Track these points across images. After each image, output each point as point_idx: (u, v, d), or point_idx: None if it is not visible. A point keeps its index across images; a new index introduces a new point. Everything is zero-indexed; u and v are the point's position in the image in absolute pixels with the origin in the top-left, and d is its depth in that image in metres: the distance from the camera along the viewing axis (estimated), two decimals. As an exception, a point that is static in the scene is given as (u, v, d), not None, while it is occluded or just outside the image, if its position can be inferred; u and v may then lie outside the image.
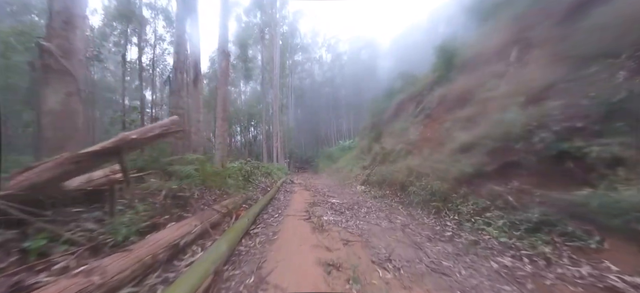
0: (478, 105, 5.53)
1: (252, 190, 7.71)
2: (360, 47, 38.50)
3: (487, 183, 4.19)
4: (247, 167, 9.10)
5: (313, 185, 11.10)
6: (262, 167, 13.47)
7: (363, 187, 8.52)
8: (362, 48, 38.35)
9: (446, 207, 4.46)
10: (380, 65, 35.78)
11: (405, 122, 10.37)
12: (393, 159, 8.08)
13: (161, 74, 18.39)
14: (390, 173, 7.07)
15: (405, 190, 6.11)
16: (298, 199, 7.07)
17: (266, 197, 6.49)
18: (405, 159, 7.27)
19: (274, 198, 7.27)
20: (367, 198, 6.90)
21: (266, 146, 21.37)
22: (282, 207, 5.96)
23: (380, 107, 15.90)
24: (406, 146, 7.88)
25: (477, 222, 3.64)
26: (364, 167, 11.42)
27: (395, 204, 5.82)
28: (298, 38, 33.03)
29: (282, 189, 9.37)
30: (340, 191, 8.74)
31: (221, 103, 8.21)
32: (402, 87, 14.06)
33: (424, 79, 11.81)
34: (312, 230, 3.91)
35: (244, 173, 8.35)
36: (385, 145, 9.26)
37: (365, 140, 16.16)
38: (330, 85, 37.68)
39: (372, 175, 8.69)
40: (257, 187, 8.38)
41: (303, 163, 31.43)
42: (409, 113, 11.10)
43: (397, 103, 13.78)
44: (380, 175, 7.90)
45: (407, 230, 3.95)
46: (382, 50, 39.05)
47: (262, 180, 10.11)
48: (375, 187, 7.81)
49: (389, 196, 6.52)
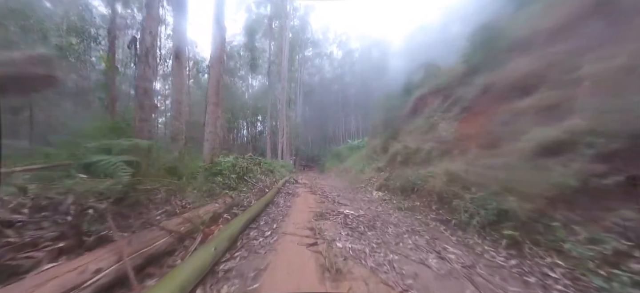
0: (562, 87, 3.81)
1: (246, 191, 6.16)
2: (371, 44, 36.63)
3: (607, 204, 2.51)
4: (243, 162, 7.56)
5: (320, 186, 9.50)
6: (264, 164, 11.95)
7: (381, 193, 6.88)
8: (373, 45, 36.47)
9: (530, 238, 2.79)
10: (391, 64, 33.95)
11: (431, 117, 8.64)
12: (420, 161, 6.41)
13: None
14: (420, 179, 5.40)
15: (445, 202, 4.45)
16: (301, 206, 5.48)
17: (261, 202, 4.94)
18: (440, 162, 5.59)
19: (271, 203, 5.72)
20: (390, 209, 5.26)
21: (270, 141, 19.86)
22: (279, 218, 4.39)
23: (395, 103, 14.16)
24: (438, 145, 6.19)
25: (618, 278, 1.98)
26: (379, 168, 9.76)
27: (433, 222, 4.17)
28: (309, 33, 31.40)
29: (284, 191, 7.80)
30: (353, 196, 7.12)
31: (214, 85, 6.68)
32: (423, 81, 12.30)
33: (451, 71, 10.05)
34: (320, 273, 2.31)
35: (238, 170, 6.82)
36: (408, 143, 7.60)
37: (377, 139, 14.47)
38: (340, 83, 35.93)
39: (391, 179, 7.04)
40: (253, 187, 6.84)
41: (309, 161, 29.95)
42: (433, 108, 9.37)
43: (415, 98, 12.02)
44: (403, 179, 6.23)
45: (478, 278, 2.31)
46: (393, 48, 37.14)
47: (260, 179, 8.57)
48: (398, 195, 6.15)
49: (421, 209, 4.86)
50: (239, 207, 4.52)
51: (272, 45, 23.11)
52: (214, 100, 6.58)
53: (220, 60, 6.74)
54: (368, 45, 36.62)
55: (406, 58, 28.45)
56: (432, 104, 9.97)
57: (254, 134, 27.14)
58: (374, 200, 6.46)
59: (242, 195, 5.59)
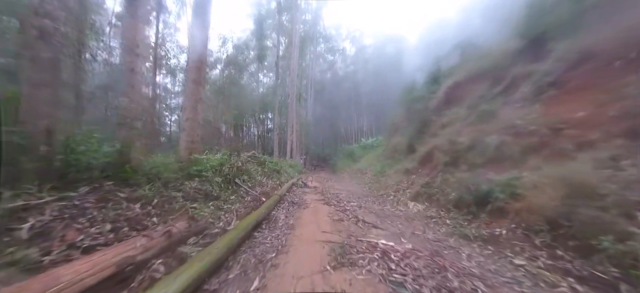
0: None
1: (233, 202, 4.28)
2: (385, 41, 34.23)
3: None
4: (236, 161, 5.68)
5: (334, 192, 7.50)
6: (269, 163, 10.10)
7: (419, 206, 4.82)
8: (387, 42, 34.05)
9: None
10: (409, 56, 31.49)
11: (478, 105, 6.50)
12: (483, 162, 4.30)
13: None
14: (499, 189, 3.31)
15: (568, 236, 2.37)
16: (309, 229, 3.52)
17: (248, 220, 3.03)
18: (524, 161, 3.49)
19: (266, 220, 3.81)
20: (447, 235, 3.23)
21: (278, 139, 18.04)
22: (269, 254, 2.46)
23: (420, 96, 11.97)
24: (514, 138, 4.08)
25: None
26: (407, 171, 7.68)
27: (550, 272, 2.12)
28: (320, 28, 29.43)
29: (288, 198, 5.88)
30: (380, 208, 5.11)
31: (195, 60, 4.84)
32: (457, 66, 10.11)
33: (498, 50, 7.84)
34: None
35: (227, 171, 4.94)
36: (455, 138, 5.47)
37: (398, 137, 12.31)
38: (353, 80, 33.72)
39: (434, 186, 4.95)
40: (246, 194, 4.95)
41: (320, 161, 28.05)
42: (479, 94, 7.21)
43: (447, 87, 9.84)
44: (457, 187, 4.16)
45: None
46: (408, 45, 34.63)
47: (261, 182, 6.70)
48: (450, 210, 4.09)
49: (512, 242, 2.78)
50: (201, 236, 2.61)
51: (281, 39, 21.30)
52: (195, 75, 4.74)
53: (204, 22, 4.89)
54: (382, 42, 34.28)
55: (430, 45, 25.68)
56: (473, 90, 7.80)
57: (262, 132, 25.48)
58: (413, 216, 4.41)
59: (223, 211, 3.70)
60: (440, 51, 12.47)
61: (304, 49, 23.61)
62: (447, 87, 9.68)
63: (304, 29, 23.49)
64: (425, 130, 9.29)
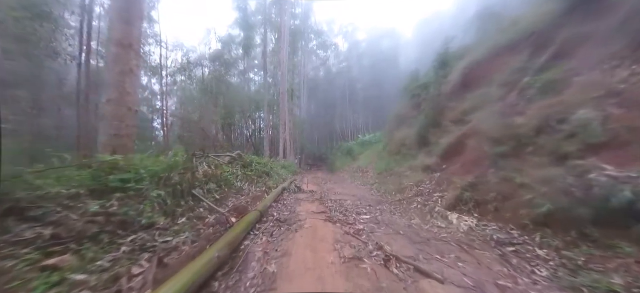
0: None
1: (176, 232, 2.55)
2: (380, 35, 32.66)
3: None
4: (201, 164, 3.92)
5: (336, 199, 5.76)
6: (257, 165, 8.34)
7: (469, 219, 3.15)
8: (381, 36, 32.48)
9: None
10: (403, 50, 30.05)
11: (517, 81, 4.90)
12: (574, 149, 2.67)
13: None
14: None
15: None
16: (304, 279, 1.81)
17: (177, 283, 1.33)
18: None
19: (229, 261, 2.09)
20: None
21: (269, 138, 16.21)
22: None
23: (426, 82, 10.37)
24: (627, 112, 2.47)
25: None
26: (428, 167, 6.02)
27: None
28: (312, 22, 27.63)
29: (275, 211, 4.14)
30: (407, 223, 3.44)
31: (121, 7, 3.09)
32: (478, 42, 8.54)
33: (532, 15, 6.28)
34: None
35: (178, 181, 3.19)
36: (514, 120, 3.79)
37: (406, 129, 10.65)
38: (346, 77, 32.03)
39: (490, 188, 3.30)
40: (205, 215, 3.21)
41: (316, 160, 26.30)
42: (515, 67, 5.61)
43: (464, 67, 8.27)
44: (541, 189, 2.52)
45: None
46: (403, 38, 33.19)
47: (240, 189, 4.95)
48: (536, 229, 2.43)
49: None
50: None
51: (271, 35, 19.39)
52: (120, 34, 2.98)
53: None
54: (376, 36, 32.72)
55: (435, 28, 23.72)
56: (503, 65, 6.18)
57: (254, 132, 23.58)
58: (466, 238, 2.75)
59: (132, 260, 1.97)
60: (450, 31, 10.86)
61: (295, 43, 21.83)
62: (464, 67, 8.09)
63: (294, 24, 21.70)
64: (440, 119, 7.67)
